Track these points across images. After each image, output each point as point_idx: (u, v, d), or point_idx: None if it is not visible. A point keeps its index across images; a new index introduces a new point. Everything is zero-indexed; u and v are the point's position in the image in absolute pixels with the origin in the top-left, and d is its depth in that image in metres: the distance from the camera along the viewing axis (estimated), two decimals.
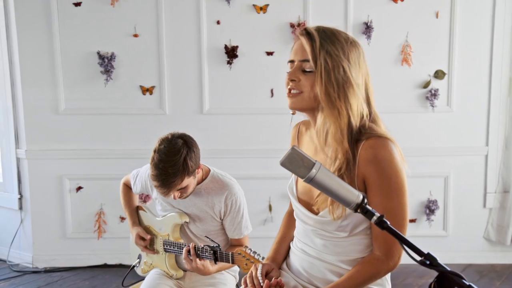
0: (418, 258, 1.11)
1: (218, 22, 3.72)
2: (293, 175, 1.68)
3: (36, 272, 3.88)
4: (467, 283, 1.05)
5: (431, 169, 3.86)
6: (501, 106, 3.85)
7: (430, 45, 3.75)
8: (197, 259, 2.04)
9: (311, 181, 1.20)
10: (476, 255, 3.98)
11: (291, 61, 1.55)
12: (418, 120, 3.82)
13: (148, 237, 2.33)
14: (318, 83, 1.46)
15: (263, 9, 3.70)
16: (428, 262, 1.07)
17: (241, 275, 2.02)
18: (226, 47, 3.73)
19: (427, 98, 3.77)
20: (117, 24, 3.73)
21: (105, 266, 3.95)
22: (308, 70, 1.49)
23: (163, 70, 3.77)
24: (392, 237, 1.41)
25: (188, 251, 2.06)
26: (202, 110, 3.81)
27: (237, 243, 2.26)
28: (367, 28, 3.68)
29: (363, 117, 1.49)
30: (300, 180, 1.65)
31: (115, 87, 3.78)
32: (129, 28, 3.73)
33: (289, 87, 1.53)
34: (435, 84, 3.77)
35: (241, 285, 1.71)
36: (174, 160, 2.00)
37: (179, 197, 2.12)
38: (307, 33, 1.49)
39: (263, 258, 1.89)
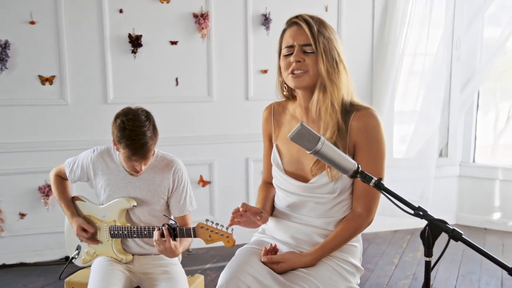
0: (411, 211, 1.33)
1: (121, 11, 3.69)
2: (274, 149, 1.84)
3: None
4: (451, 227, 1.29)
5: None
6: None
7: None
8: (171, 240, 2.07)
9: (317, 153, 1.37)
10: None
11: (290, 46, 1.70)
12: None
13: (91, 229, 2.31)
14: (320, 62, 1.66)
15: None
16: (421, 213, 1.30)
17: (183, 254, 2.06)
18: (130, 36, 3.71)
19: None
20: (11, 10, 3.52)
21: (3, 266, 3.73)
22: (309, 51, 1.67)
23: (64, 59, 3.64)
24: (371, 195, 1.67)
25: (161, 234, 2.08)
26: (107, 99, 3.76)
27: (182, 222, 2.32)
28: (266, 20, 3.91)
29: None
30: (286, 153, 1.82)
31: (11, 77, 3.58)
32: (24, 14, 3.54)
33: (291, 68, 1.69)
34: None
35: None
36: (146, 124, 2.13)
37: (137, 172, 2.21)
38: (305, 20, 1.68)
39: (227, 228, 1.99)
